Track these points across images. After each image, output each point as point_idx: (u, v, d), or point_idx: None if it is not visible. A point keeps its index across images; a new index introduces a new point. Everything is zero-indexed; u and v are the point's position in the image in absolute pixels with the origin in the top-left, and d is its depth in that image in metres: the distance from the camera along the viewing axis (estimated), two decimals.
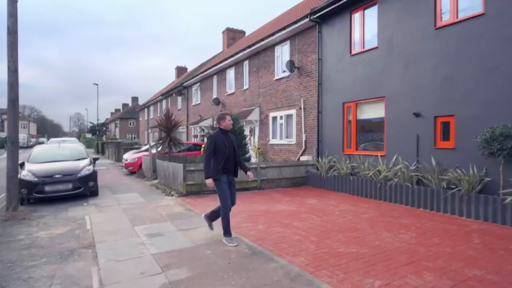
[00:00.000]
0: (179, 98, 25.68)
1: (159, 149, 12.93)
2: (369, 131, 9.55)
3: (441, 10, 7.47)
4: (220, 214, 5.00)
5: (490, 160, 6.26)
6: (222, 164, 4.84)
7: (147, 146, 15.33)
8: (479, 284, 3.51)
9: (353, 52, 9.75)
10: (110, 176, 14.65)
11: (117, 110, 74.89)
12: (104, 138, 52.44)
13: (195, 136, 21.20)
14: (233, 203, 5.05)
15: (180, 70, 34.51)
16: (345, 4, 9.75)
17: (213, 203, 8.13)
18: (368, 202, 7.97)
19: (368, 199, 8.26)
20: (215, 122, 5.24)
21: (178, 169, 9.50)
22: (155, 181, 11.99)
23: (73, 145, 11.57)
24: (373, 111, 9.29)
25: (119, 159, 21.63)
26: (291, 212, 7.03)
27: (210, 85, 19.99)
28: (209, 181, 4.87)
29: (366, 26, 9.45)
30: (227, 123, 4.98)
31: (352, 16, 9.85)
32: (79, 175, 8.65)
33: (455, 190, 6.52)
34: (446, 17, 7.37)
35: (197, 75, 21.02)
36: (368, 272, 3.83)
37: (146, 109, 38.13)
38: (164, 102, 29.89)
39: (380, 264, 4.05)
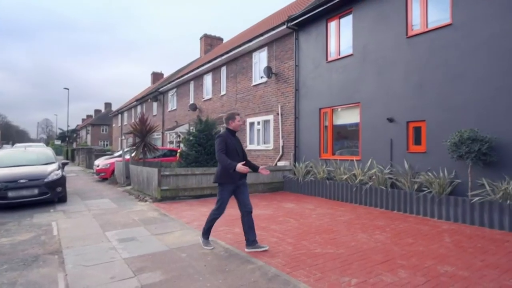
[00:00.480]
0: (155, 104, 25.23)
1: (133, 154, 12.56)
2: (345, 136, 9.73)
3: (412, 19, 7.79)
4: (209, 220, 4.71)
5: (459, 162, 6.51)
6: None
7: (120, 152, 14.87)
8: (451, 279, 3.59)
9: (329, 59, 9.97)
10: (80, 183, 14.06)
11: (89, 116, 72.48)
12: (74, 145, 50.53)
13: (171, 142, 20.82)
14: (250, 208, 4.64)
15: (156, 76, 34.03)
16: (321, 13, 9.98)
17: (188, 208, 7.97)
18: (345, 205, 8.06)
19: (345, 203, 8.36)
20: (224, 122, 4.83)
21: (152, 173, 9.25)
22: (128, 187, 11.62)
23: (40, 149, 11.02)
24: (348, 117, 9.48)
25: (90, 166, 20.85)
26: (268, 216, 6.98)
27: (187, 91, 19.79)
28: (240, 166, 4.27)
29: (341, 34, 9.70)
30: (236, 123, 4.66)
31: (328, 24, 10.09)
32: (46, 180, 8.21)
33: (426, 192, 6.72)
34: (416, 27, 7.69)
35: (173, 81, 20.76)
36: (345, 271, 3.83)
37: (119, 115, 37.16)
38: (138, 107, 29.25)
39: (356, 263, 4.06)
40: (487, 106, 6.33)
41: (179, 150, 12.87)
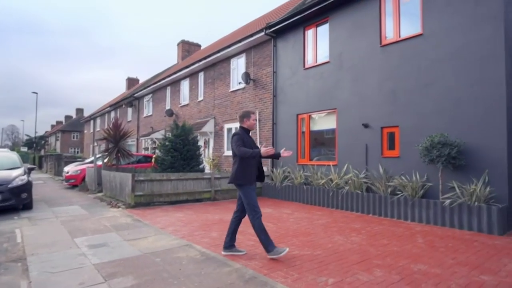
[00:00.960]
0: (130, 109, 24.65)
1: (105, 160, 12.13)
2: (322, 142, 9.86)
3: (385, 29, 8.07)
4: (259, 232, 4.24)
5: (431, 166, 6.73)
6: (255, 167, 4.36)
7: (92, 158, 14.32)
8: (424, 276, 3.66)
9: (307, 66, 10.13)
10: (48, 190, 13.41)
11: (59, 123, 69.56)
12: (42, 152, 48.30)
13: (146, 149, 20.34)
14: (245, 215, 4.51)
15: (131, 82, 33.33)
16: (299, 21, 10.16)
17: (163, 213, 7.76)
18: (322, 210, 8.11)
19: (322, 208, 8.42)
20: (238, 120, 4.63)
21: (126, 179, 8.95)
22: (100, 194, 11.18)
23: (4, 154, 10.43)
24: (325, 122, 9.63)
25: (59, 173, 19.94)
26: (245, 220, 6.86)
27: (163, 96, 19.48)
28: (265, 149, 4.14)
29: (318, 42, 9.90)
30: (251, 122, 4.51)
31: (306, 32, 10.28)
32: (10, 185, 7.75)
33: (400, 195, 6.89)
34: (390, 36, 7.97)
35: (149, 86, 20.40)
36: (322, 271, 3.82)
37: (92, 121, 35.99)
38: (112, 113, 28.46)
39: (333, 264, 4.07)
40: (456, 113, 6.61)
41: (154, 156, 12.56)
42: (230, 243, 4.52)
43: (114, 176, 10.03)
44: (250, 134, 4.61)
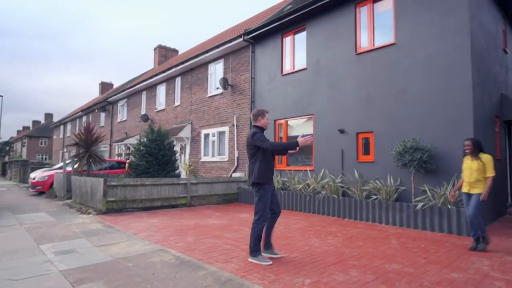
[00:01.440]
0: (103, 114, 23.93)
1: (75, 166, 11.63)
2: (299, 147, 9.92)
3: (360, 37, 8.32)
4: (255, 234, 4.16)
5: (404, 170, 6.93)
6: (271, 167, 4.30)
7: (61, 164, 13.71)
8: (398, 275, 3.72)
9: (284, 72, 10.25)
10: (12, 197, 12.68)
11: (25, 128, 66.28)
12: (6, 158, 45.81)
13: (119, 155, 19.75)
14: (279, 211, 4.53)
15: (105, 86, 32.43)
16: (277, 28, 10.30)
17: (137, 219, 7.51)
18: (299, 214, 8.13)
19: (299, 212, 8.44)
20: (251, 118, 4.54)
21: (97, 184, 8.60)
22: (69, 201, 10.68)
23: None
24: (302, 128, 9.74)
25: (25, 180, 18.96)
26: (222, 225, 6.79)
27: (139, 101, 19.07)
28: (302, 138, 4.06)
29: (296, 49, 10.06)
30: (265, 121, 4.39)
31: (284, 39, 10.43)
32: None
33: (375, 199, 7.03)
34: (365, 44, 8.22)
35: (124, 90, 19.91)
36: (299, 272, 3.79)
37: (62, 126, 34.58)
38: (84, 118, 27.52)
39: (310, 265, 4.06)
40: (427, 119, 6.86)
41: (128, 161, 12.20)
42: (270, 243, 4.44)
43: (84, 181, 9.63)
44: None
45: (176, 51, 23.80)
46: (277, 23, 10.06)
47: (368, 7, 8.23)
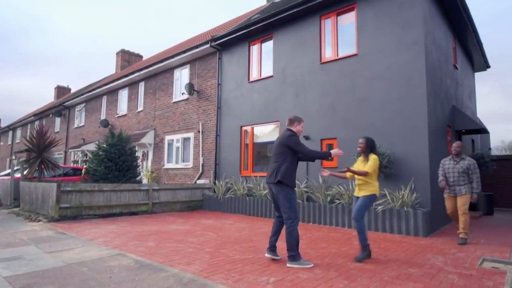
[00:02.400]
0: (58, 119, 22.58)
1: (25, 172, 10.78)
2: (265, 153, 9.98)
3: (325, 47, 8.62)
4: (291, 240, 4.00)
5: None
6: (296, 172, 4.25)
7: (9, 171, 12.65)
8: (359, 271, 3.83)
9: (251, 79, 10.33)
10: None
11: None
12: None
13: (75, 162, 18.65)
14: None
15: (62, 91, 30.66)
16: (244, 35, 10.41)
17: (93, 226, 7.08)
18: (264, 220, 8.10)
19: (264, 218, 8.41)
20: (286, 123, 4.49)
21: (49, 189, 8.01)
22: (17, 209, 9.85)
23: None
24: (268, 134, 9.81)
25: None
26: (186, 230, 6.58)
27: (99, 106, 18.25)
28: (335, 150, 4.35)
29: (263, 56, 10.20)
30: (300, 128, 4.40)
31: (251, 47, 10.54)
32: None
33: (338, 203, 7.18)
34: (329, 54, 8.53)
35: (83, 94, 18.98)
36: (263, 272, 3.75)
37: (11, 132, 32.07)
38: (37, 123, 25.77)
39: (275, 265, 4.02)
40: (386, 126, 7.19)
41: (84, 167, 11.53)
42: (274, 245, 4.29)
43: (35, 187, 8.94)
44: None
45: (140, 56, 23.18)
46: (245, 31, 10.17)
47: (332, 19, 8.58)
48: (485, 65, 12.71)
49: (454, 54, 9.65)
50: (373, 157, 4.46)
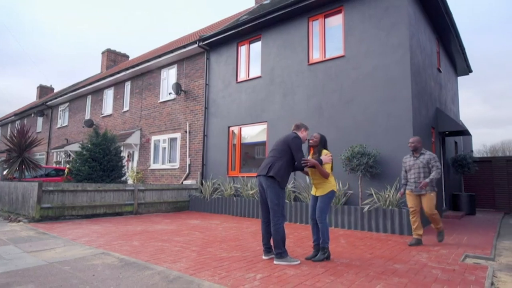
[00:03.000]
0: (40, 119, 22.04)
1: (4, 172, 10.44)
2: (253, 154, 9.97)
3: (313, 49, 8.70)
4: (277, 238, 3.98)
5: (352, 175, 7.24)
6: (289, 176, 4.27)
7: None
8: (346, 268, 3.85)
9: (239, 79, 10.32)
10: None
11: None
12: None
13: (58, 162, 18.20)
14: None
15: (44, 90, 29.92)
16: (232, 36, 10.41)
17: (76, 226, 6.92)
18: (251, 220, 8.07)
19: (252, 218, 8.38)
20: (293, 128, 4.58)
21: (30, 189, 7.79)
22: None
23: None
24: (256, 135, 9.80)
25: None
26: (172, 230, 6.49)
27: (83, 106, 17.89)
28: (325, 158, 4.24)
29: (251, 57, 10.21)
30: (305, 135, 4.47)
31: (239, 47, 10.54)
32: None
33: None
34: (316, 55, 8.61)
35: (66, 94, 18.57)
36: (250, 269, 3.72)
37: None
38: (18, 123, 25.07)
39: (262, 263, 4.00)
40: (372, 126, 7.30)
41: (68, 166, 11.26)
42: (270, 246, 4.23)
43: (15, 187, 8.67)
44: None
45: (126, 56, 22.87)
46: (233, 31, 10.17)
47: (320, 21, 8.67)
48: (467, 70, 13.08)
49: (438, 58, 9.89)
50: (325, 151, 4.40)
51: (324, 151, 4.40)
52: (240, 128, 10.09)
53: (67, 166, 11.49)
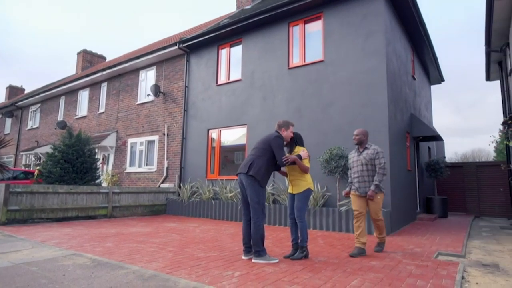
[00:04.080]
0: (9, 120, 21.06)
1: None
2: (232, 156, 9.91)
3: (293, 53, 8.82)
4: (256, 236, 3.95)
5: (330, 177, 7.33)
6: (270, 175, 4.22)
7: None
8: (324, 265, 3.86)
9: (219, 82, 10.29)
10: None
11: None
12: None
13: (27, 165, 17.40)
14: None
15: (14, 91, 28.59)
16: (213, 39, 10.40)
17: (46, 229, 6.62)
18: (230, 223, 7.98)
19: (230, 221, 8.29)
20: (276, 127, 4.46)
21: None
22: None
23: None
24: (236, 137, 9.77)
25: None
26: (148, 232, 6.32)
27: (56, 107, 17.26)
28: (303, 153, 4.22)
29: (232, 60, 10.22)
30: (288, 134, 4.36)
31: (220, 50, 10.54)
32: None
33: None
34: (296, 60, 8.72)
35: (38, 94, 17.87)
36: (228, 267, 3.66)
37: None
38: None
39: (241, 262, 3.95)
40: (350, 130, 7.38)
41: (38, 168, 10.77)
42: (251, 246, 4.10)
43: None
44: None
45: (103, 58, 22.30)
46: (214, 34, 10.16)
47: (300, 27, 8.81)
48: (440, 79, 13.65)
49: (413, 66, 10.27)
50: (300, 148, 4.36)
51: (301, 148, 4.42)
52: (220, 130, 10.03)
53: (37, 168, 10.98)
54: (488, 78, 11.66)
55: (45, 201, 7.74)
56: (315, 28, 8.58)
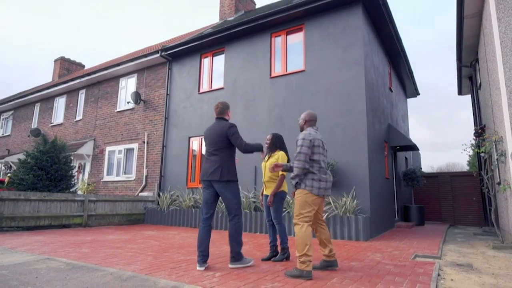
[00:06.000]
0: None
1: None
2: None
3: (275, 63, 8.99)
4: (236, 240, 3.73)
5: None
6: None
7: None
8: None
9: (201, 90, 10.30)
10: None
11: None
12: None
13: None
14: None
15: None
16: (196, 47, 10.47)
17: (16, 237, 6.33)
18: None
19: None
20: (219, 111, 4.17)
21: None
22: None
23: None
24: None
25: None
26: (125, 239, 6.13)
27: (30, 114, 16.70)
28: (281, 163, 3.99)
29: (214, 69, 10.29)
30: (230, 116, 4.27)
31: (202, 59, 10.59)
32: None
33: (285, 213, 7.27)
34: (278, 69, 8.89)
35: (11, 101, 17.27)
36: (209, 269, 3.61)
37: None
38: None
39: (221, 264, 3.90)
40: (331, 137, 7.59)
41: (8, 175, 10.30)
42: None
43: None
44: None
45: (81, 66, 21.85)
46: (196, 43, 10.23)
47: (282, 37, 9.02)
48: (415, 92, 14.22)
49: (390, 78, 10.67)
50: (281, 154, 4.33)
51: (280, 153, 4.36)
52: (201, 138, 9.98)
53: (8, 175, 10.50)
54: (460, 92, 12.27)
55: (16, 209, 7.39)
56: (297, 39, 8.81)
